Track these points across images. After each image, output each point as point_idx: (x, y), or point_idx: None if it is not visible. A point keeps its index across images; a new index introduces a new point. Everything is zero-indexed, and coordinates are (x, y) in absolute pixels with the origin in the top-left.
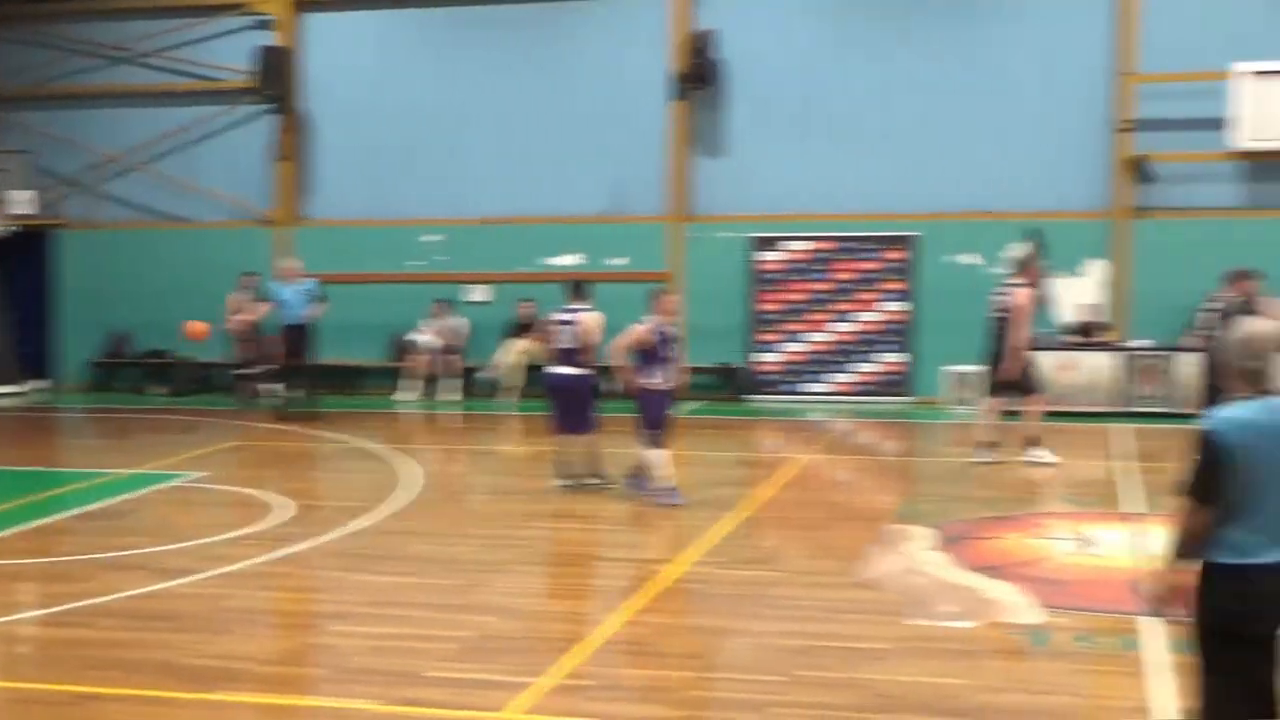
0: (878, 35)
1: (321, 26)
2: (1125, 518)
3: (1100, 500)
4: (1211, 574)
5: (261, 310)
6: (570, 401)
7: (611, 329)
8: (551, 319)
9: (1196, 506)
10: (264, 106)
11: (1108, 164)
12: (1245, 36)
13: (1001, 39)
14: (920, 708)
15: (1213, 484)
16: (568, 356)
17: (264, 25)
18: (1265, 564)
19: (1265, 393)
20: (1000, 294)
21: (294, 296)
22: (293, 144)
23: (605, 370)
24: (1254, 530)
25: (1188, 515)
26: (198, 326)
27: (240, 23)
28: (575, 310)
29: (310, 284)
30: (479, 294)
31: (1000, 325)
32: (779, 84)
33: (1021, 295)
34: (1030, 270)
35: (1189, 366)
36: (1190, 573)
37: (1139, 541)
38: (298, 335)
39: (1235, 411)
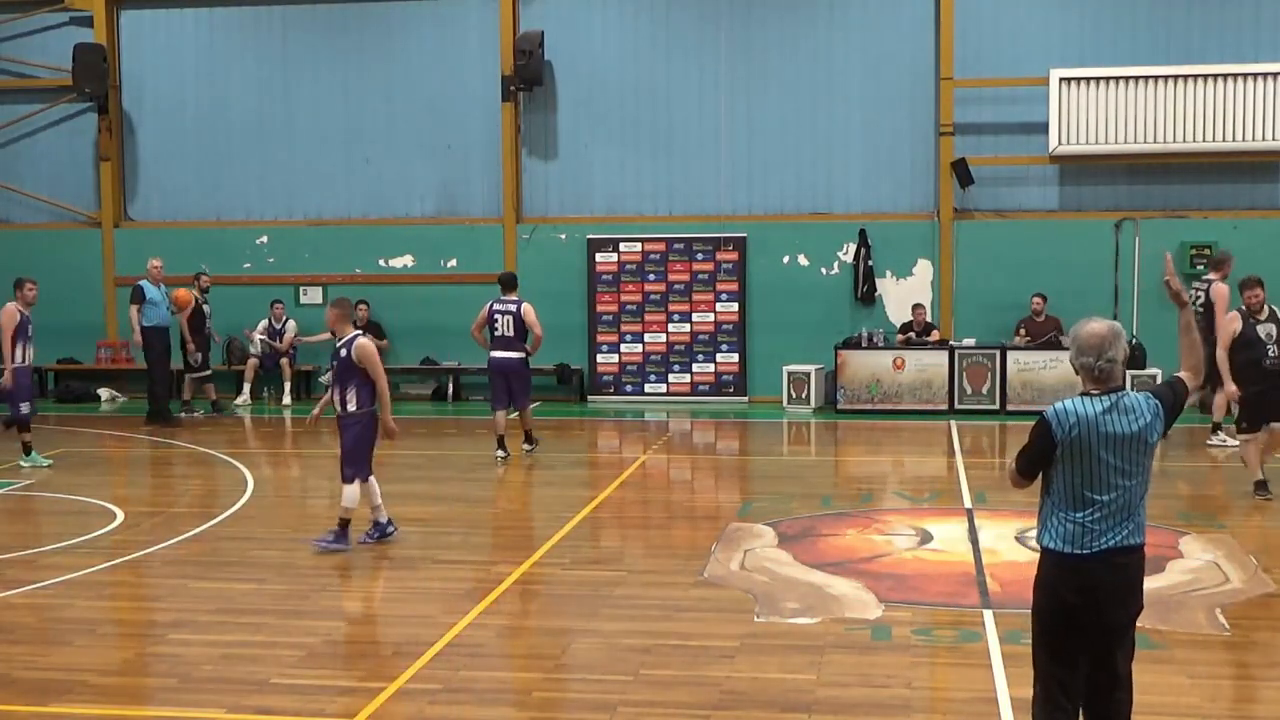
0: (706, 38)
1: (141, 23)
2: (961, 513)
3: (936, 496)
4: (1050, 562)
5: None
6: (512, 380)
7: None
8: (491, 309)
9: (1017, 476)
10: (84, 105)
11: (933, 167)
12: (1061, 44)
13: (829, 43)
14: (766, 704)
15: (1035, 462)
16: (508, 342)
17: (82, 22)
18: (1100, 551)
19: (1109, 389)
20: (1197, 289)
21: (162, 297)
22: (115, 143)
23: None
24: (1089, 519)
25: (1012, 475)
26: (183, 295)
27: (57, 19)
28: (510, 301)
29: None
30: (311, 296)
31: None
32: (607, 86)
33: (1219, 288)
34: (1224, 266)
35: (1014, 365)
36: None
37: (975, 536)
38: (163, 337)
39: (1072, 404)
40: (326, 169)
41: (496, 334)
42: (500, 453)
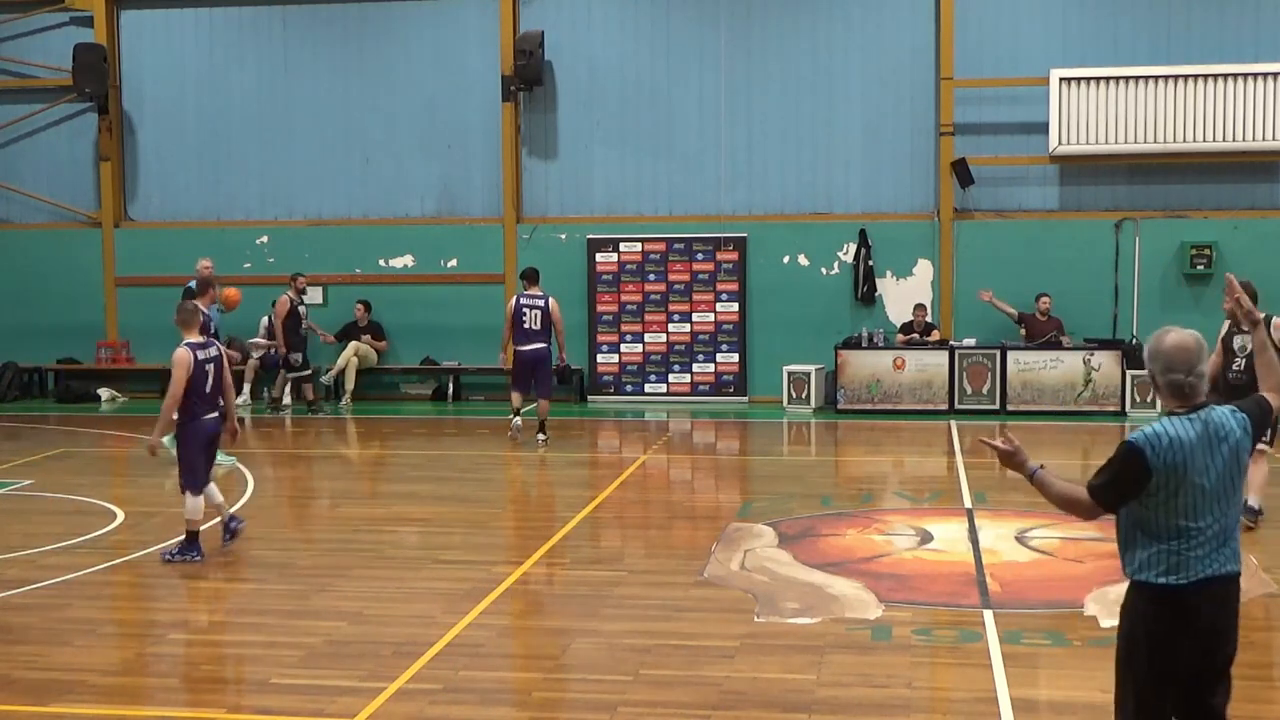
0: (706, 38)
1: (141, 23)
2: (961, 513)
3: (936, 496)
4: (1143, 596)
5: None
6: (539, 371)
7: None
8: (518, 305)
9: (1094, 507)
10: (84, 105)
11: (933, 167)
12: (1061, 44)
13: (829, 43)
14: (766, 704)
15: (1124, 495)
16: (536, 335)
17: (82, 22)
18: (1198, 581)
19: (1194, 405)
20: None
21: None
22: (115, 143)
23: None
24: (1185, 548)
25: (1083, 507)
26: (232, 293)
27: (57, 19)
28: (537, 295)
29: None
30: (311, 296)
31: None
32: (607, 86)
33: None
34: None
35: (1014, 365)
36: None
37: (975, 536)
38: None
39: (1163, 428)
40: (326, 169)
41: (525, 327)
42: (516, 420)
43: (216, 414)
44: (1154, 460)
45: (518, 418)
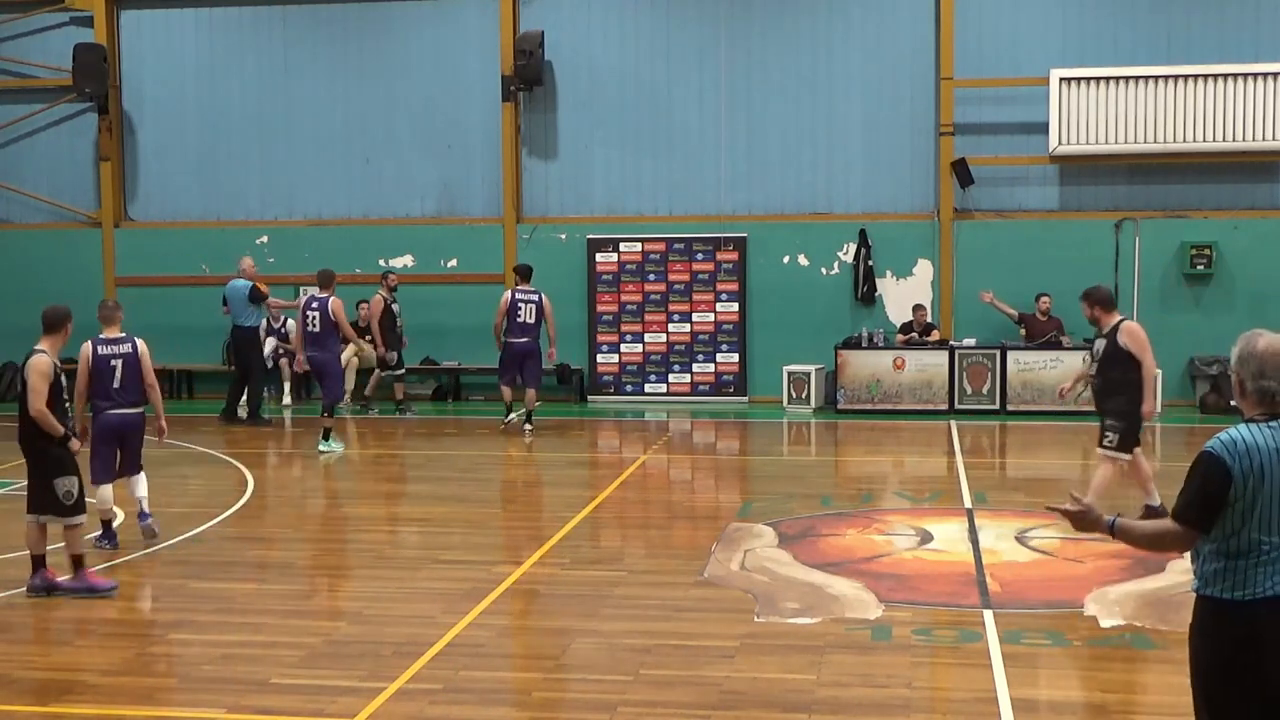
0: (706, 38)
1: (141, 23)
2: (961, 513)
3: (936, 496)
4: (1217, 611)
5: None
6: (529, 363)
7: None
8: (513, 299)
9: (1187, 533)
10: (84, 105)
11: (933, 167)
12: (1061, 44)
13: (829, 43)
14: (766, 704)
15: (1210, 508)
16: (529, 329)
17: (82, 22)
18: (1266, 597)
19: (1275, 414)
20: None
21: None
22: (115, 143)
23: None
24: (1253, 563)
25: (1175, 538)
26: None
27: (57, 19)
28: (530, 291)
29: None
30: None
31: None
32: (607, 86)
33: None
34: None
35: (1014, 365)
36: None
37: (975, 536)
38: (252, 336)
39: (1239, 434)
40: (326, 169)
41: (519, 321)
42: (510, 416)
43: (134, 410)
44: (1234, 466)
45: (511, 415)
